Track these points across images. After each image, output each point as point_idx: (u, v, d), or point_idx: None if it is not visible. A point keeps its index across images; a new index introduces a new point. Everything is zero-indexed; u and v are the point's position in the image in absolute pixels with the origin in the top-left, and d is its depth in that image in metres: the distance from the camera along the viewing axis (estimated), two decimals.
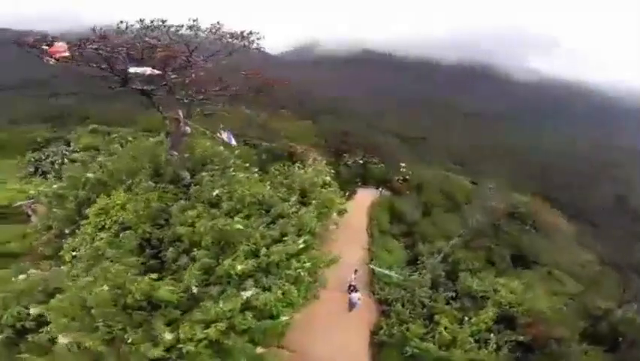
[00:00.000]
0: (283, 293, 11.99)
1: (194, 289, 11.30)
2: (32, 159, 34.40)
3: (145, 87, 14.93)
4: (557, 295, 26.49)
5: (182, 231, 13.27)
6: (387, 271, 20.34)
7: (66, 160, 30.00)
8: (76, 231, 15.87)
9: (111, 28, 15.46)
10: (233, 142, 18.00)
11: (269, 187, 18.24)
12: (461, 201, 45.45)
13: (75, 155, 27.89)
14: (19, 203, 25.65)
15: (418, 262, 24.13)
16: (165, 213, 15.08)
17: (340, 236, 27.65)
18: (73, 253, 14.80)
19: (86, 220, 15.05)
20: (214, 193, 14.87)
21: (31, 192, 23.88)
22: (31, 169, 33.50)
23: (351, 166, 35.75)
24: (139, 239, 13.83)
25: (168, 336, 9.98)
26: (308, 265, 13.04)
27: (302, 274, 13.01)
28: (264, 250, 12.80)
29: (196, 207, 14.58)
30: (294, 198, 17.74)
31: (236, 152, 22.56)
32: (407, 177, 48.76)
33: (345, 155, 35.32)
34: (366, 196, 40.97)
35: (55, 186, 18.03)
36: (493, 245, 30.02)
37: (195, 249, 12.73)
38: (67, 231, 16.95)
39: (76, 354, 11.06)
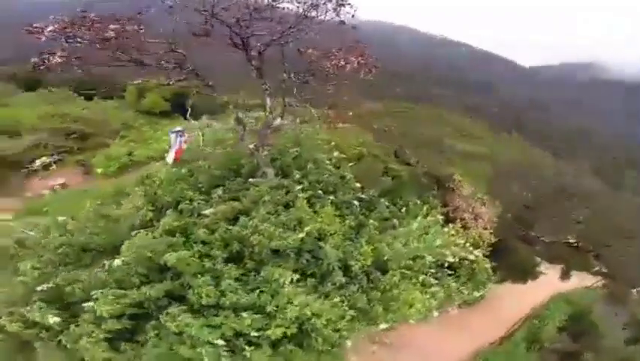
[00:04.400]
0: None
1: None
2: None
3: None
4: None
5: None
6: None
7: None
8: None
9: None
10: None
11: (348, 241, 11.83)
12: None
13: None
14: None
15: None
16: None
17: (477, 321, 18.52)
18: None
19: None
20: (206, 215, 10.11)
21: None
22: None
23: (547, 241, 22.89)
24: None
25: None
26: None
27: None
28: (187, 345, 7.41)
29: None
30: (356, 267, 10.93)
31: (350, 164, 16.78)
32: None
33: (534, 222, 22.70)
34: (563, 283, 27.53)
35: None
36: None
37: None
38: None
39: None
